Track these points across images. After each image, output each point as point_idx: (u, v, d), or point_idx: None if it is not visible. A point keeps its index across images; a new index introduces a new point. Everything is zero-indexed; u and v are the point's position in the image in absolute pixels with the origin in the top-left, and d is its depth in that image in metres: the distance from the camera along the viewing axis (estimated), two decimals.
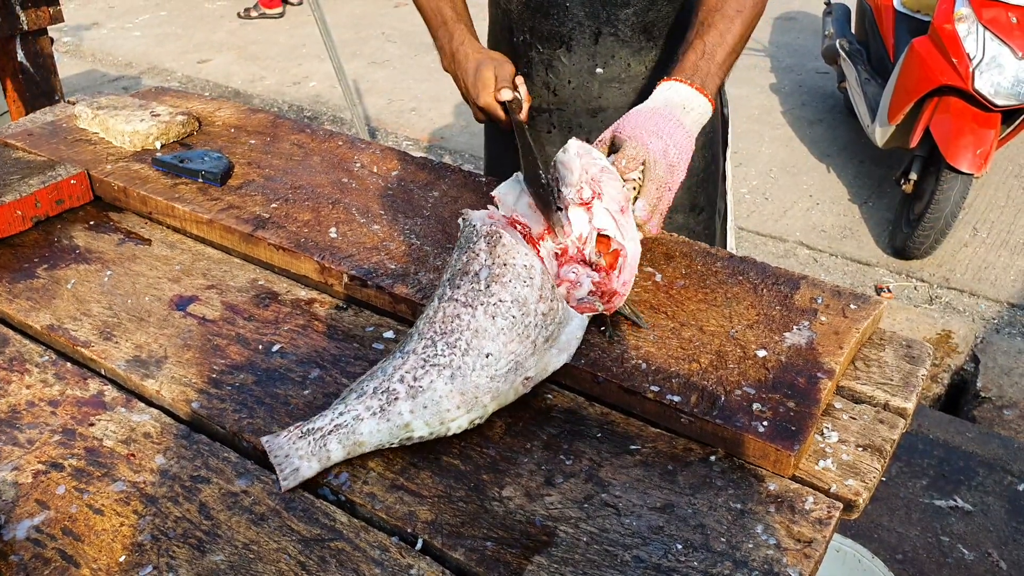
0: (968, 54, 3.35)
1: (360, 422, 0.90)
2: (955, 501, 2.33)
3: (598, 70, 1.52)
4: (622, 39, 1.49)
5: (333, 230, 1.25)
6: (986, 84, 3.33)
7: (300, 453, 0.89)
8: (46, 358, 1.08)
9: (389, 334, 1.11)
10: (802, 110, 5.19)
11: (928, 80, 3.49)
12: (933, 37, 3.51)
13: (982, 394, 2.89)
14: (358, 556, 0.82)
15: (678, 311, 1.09)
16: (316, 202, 1.33)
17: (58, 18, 2.57)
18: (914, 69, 3.57)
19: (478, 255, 0.97)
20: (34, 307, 1.16)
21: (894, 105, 3.70)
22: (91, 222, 1.36)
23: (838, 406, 1.00)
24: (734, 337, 1.05)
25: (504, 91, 1.34)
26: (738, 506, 0.87)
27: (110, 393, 1.02)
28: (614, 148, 1.18)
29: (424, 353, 0.93)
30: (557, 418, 0.98)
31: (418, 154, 1.51)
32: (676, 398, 0.95)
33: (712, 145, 1.64)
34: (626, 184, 1.12)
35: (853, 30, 4.74)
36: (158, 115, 1.52)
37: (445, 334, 0.94)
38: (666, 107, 1.19)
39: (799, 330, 1.06)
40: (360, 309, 1.16)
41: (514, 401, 0.97)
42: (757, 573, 0.80)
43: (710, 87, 1.23)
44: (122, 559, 0.82)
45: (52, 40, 2.66)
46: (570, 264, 1.07)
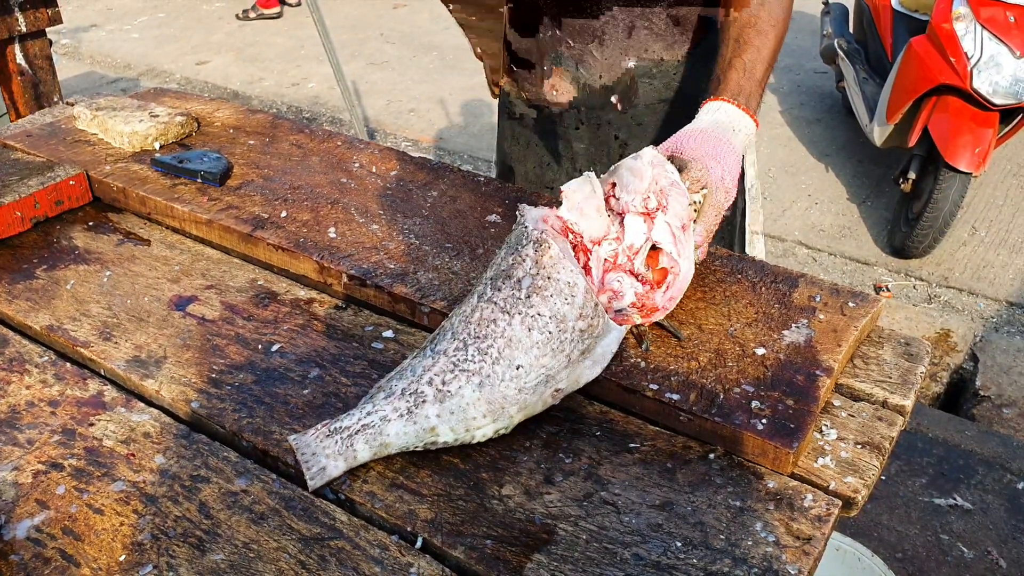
0: (966, 53, 3.36)
1: (387, 423, 0.89)
2: (955, 499, 2.33)
3: (631, 64, 1.50)
4: (656, 32, 1.47)
5: (332, 230, 1.26)
6: (984, 83, 3.34)
7: (327, 452, 0.89)
8: (46, 358, 1.08)
9: (388, 333, 1.11)
10: (800, 110, 5.20)
11: (926, 79, 3.50)
12: (931, 36, 3.52)
13: (981, 393, 2.89)
14: (358, 555, 0.82)
15: (676, 309, 1.09)
16: (315, 202, 1.33)
17: (57, 20, 2.57)
18: (912, 68, 3.58)
19: (523, 261, 0.94)
20: (33, 308, 1.16)
21: (892, 104, 3.70)
22: (90, 223, 1.36)
23: (837, 404, 1.00)
24: (733, 335, 1.05)
25: None
26: (737, 503, 0.87)
27: (110, 393, 1.02)
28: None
29: (455, 356, 0.92)
30: (556, 416, 0.98)
31: (417, 154, 1.51)
32: (675, 396, 0.95)
33: None
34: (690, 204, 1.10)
35: (851, 30, 4.75)
36: (157, 116, 1.52)
37: (478, 339, 0.92)
38: (718, 129, 1.16)
39: (797, 328, 1.06)
40: (359, 308, 1.16)
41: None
42: (756, 570, 0.80)
43: (753, 106, 1.21)
44: (122, 558, 0.82)
45: (51, 42, 2.67)
46: (616, 271, 1.04)
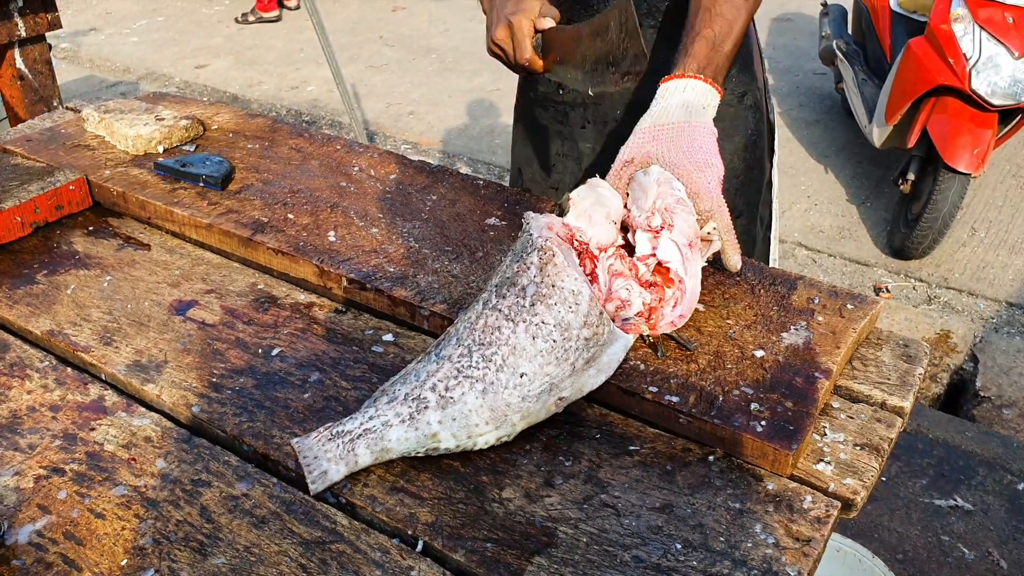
0: (964, 54, 3.36)
1: (389, 428, 0.89)
2: (955, 500, 2.33)
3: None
4: (663, 33, 1.42)
5: (332, 234, 1.26)
6: (983, 84, 3.34)
7: (329, 456, 0.89)
8: (46, 363, 1.08)
9: (388, 337, 1.11)
10: (800, 111, 5.20)
11: (925, 80, 3.50)
12: (930, 37, 3.52)
13: (981, 393, 2.89)
14: (359, 558, 0.82)
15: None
16: (315, 206, 1.33)
17: (56, 24, 2.57)
18: (911, 69, 3.58)
19: (528, 268, 0.95)
20: (34, 313, 1.16)
21: (891, 105, 3.71)
22: (90, 227, 1.37)
23: (836, 405, 1.00)
24: (732, 338, 1.05)
25: (547, 20, 1.21)
26: (737, 506, 0.87)
27: (110, 398, 1.03)
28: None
29: (459, 362, 0.92)
30: (556, 419, 0.98)
31: (416, 158, 1.52)
32: (674, 398, 0.96)
33: (755, 148, 1.58)
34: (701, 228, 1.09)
35: (850, 31, 4.75)
36: (162, 119, 1.52)
37: (483, 345, 0.92)
38: (690, 116, 1.13)
39: (796, 330, 1.06)
40: (359, 312, 1.17)
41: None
42: (756, 572, 0.80)
43: (720, 79, 1.19)
44: (124, 563, 0.82)
45: (50, 46, 2.67)
46: (626, 279, 1.03)
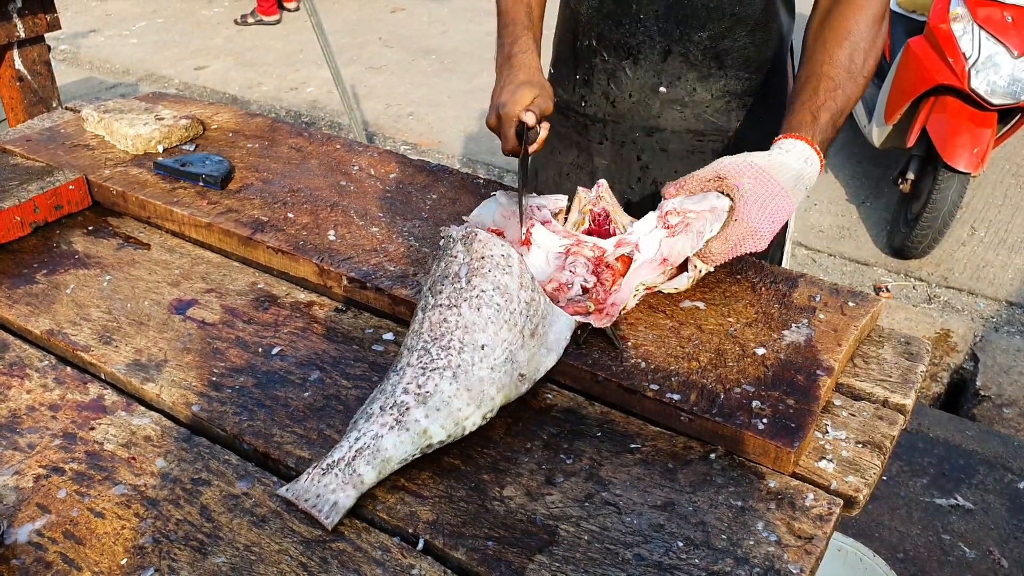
0: (964, 53, 3.36)
1: (381, 439, 0.89)
2: (956, 499, 2.33)
3: (662, 89, 1.46)
4: (691, 61, 1.43)
5: (332, 232, 1.26)
6: (982, 83, 3.34)
7: (331, 487, 0.87)
8: (46, 363, 1.08)
9: (388, 336, 1.11)
10: None
11: (924, 80, 3.50)
12: (929, 37, 3.52)
13: (982, 392, 2.89)
14: (360, 557, 0.82)
15: (676, 310, 1.09)
16: (314, 205, 1.33)
17: (55, 25, 2.57)
18: (910, 69, 3.58)
19: (456, 256, 0.99)
20: (34, 312, 1.16)
21: (891, 105, 3.71)
22: (90, 227, 1.36)
23: (837, 403, 1.00)
24: (733, 335, 1.05)
25: (529, 114, 1.25)
26: (739, 503, 0.87)
27: (110, 397, 1.02)
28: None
29: (420, 362, 0.93)
30: (557, 417, 0.98)
31: (416, 157, 1.51)
32: (676, 396, 0.95)
33: None
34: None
35: None
36: (162, 119, 1.52)
37: (436, 339, 0.94)
38: (795, 189, 1.14)
39: (798, 328, 1.06)
40: (359, 311, 1.16)
41: (515, 401, 0.97)
42: (758, 570, 0.80)
43: (825, 149, 1.20)
44: (124, 562, 0.82)
45: (49, 48, 2.67)
46: (576, 257, 1.10)
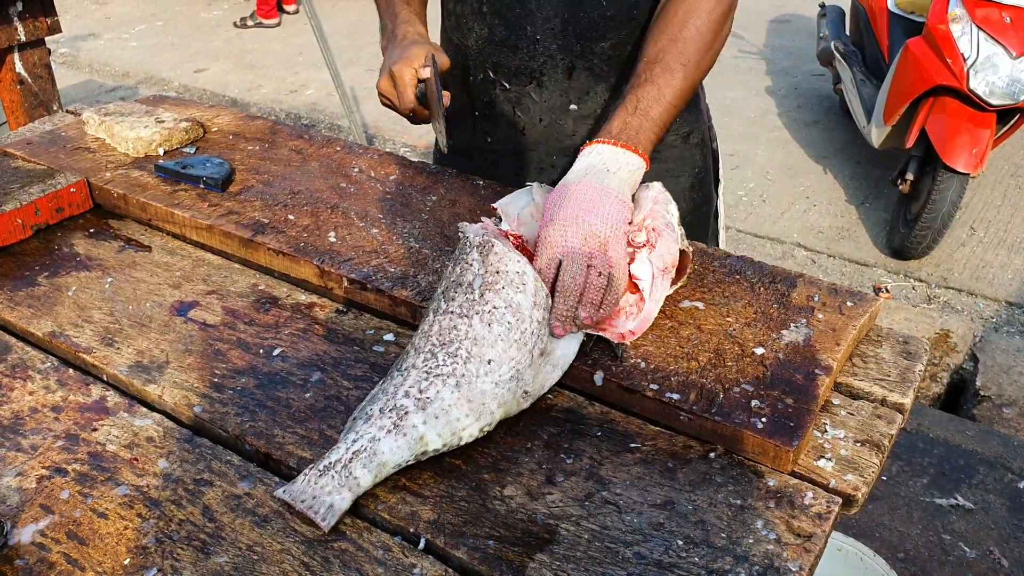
0: (962, 54, 3.37)
1: (378, 442, 0.89)
2: (956, 499, 2.33)
3: (572, 107, 1.41)
4: (598, 73, 1.39)
5: (332, 234, 1.26)
6: (981, 84, 3.35)
7: (328, 490, 0.86)
8: (48, 365, 1.09)
9: (389, 336, 1.12)
10: (798, 112, 5.21)
11: (923, 81, 3.51)
12: (927, 38, 3.53)
13: (981, 393, 2.90)
14: (361, 556, 0.83)
15: (676, 310, 1.10)
16: (315, 207, 1.33)
17: (56, 29, 2.58)
18: (909, 70, 3.59)
19: (471, 265, 0.98)
20: (36, 314, 1.17)
21: (889, 106, 3.71)
22: (91, 230, 1.37)
23: (836, 402, 1.00)
24: (732, 335, 1.05)
25: (426, 69, 1.20)
26: (738, 502, 0.87)
27: (112, 398, 1.03)
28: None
29: (425, 366, 0.93)
30: (557, 417, 0.98)
31: (416, 159, 1.52)
32: (675, 396, 0.96)
33: (703, 186, 1.55)
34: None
35: (848, 32, 4.76)
36: (163, 121, 1.53)
37: (444, 344, 0.94)
38: (589, 177, 1.07)
39: (796, 328, 1.07)
40: (360, 312, 1.17)
41: None
42: (758, 568, 0.80)
43: (642, 142, 1.13)
44: (127, 562, 0.82)
45: (49, 51, 2.68)
46: None
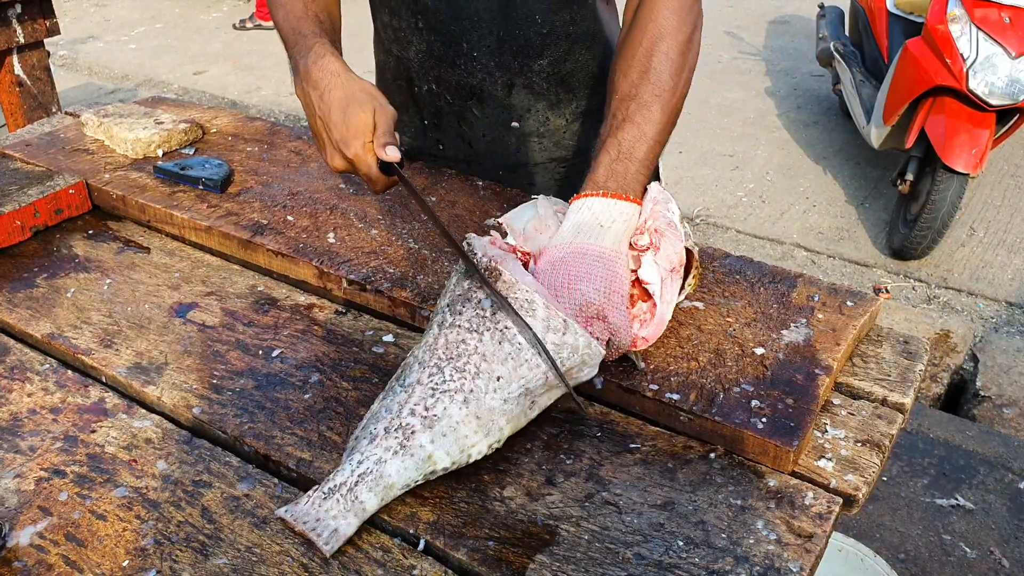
0: (962, 54, 3.37)
1: (384, 464, 0.86)
2: (956, 500, 2.33)
3: (514, 124, 1.39)
4: (537, 91, 1.36)
5: (331, 235, 1.26)
6: (980, 84, 3.35)
7: (332, 514, 0.84)
8: (47, 366, 1.08)
9: (388, 338, 1.11)
10: (797, 113, 5.21)
11: (922, 81, 3.51)
12: (927, 38, 3.53)
13: (982, 393, 2.89)
14: (360, 557, 0.82)
15: (676, 310, 1.09)
16: (314, 208, 1.33)
17: (55, 31, 2.58)
18: (908, 70, 3.59)
19: (481, 286, 0.93)
20: (34, 316, 1.16)
21: (889, 106, 3.71)
22: (90, 231, 1.37)
23: (836, 402, 1.00)
24: (732, 335, 1.05)
25: (390, 148, 1.05)
26: (738, 502, 0.87)
27: (111, 400, 1.03)
28: None
29: (431, 381, 0.89)
30: (557, 418, 0.98)
31: (414, 161, 1.51)
32: (675, 396, 0.96)
33: None
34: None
35: (847, 32, 4.76)
36: (162, 123, 1.53)
37: (452, 359, 0.90)
38: (576, 238, 1.02)
39: (796, 328, 1.07)
40: (359, 313, 1.17)
41: None
42: (758, 568, 0.80)
43: (631, 188, 1.06)
44: (125, 564, 0.82)
45: (49, 53, 2.67)
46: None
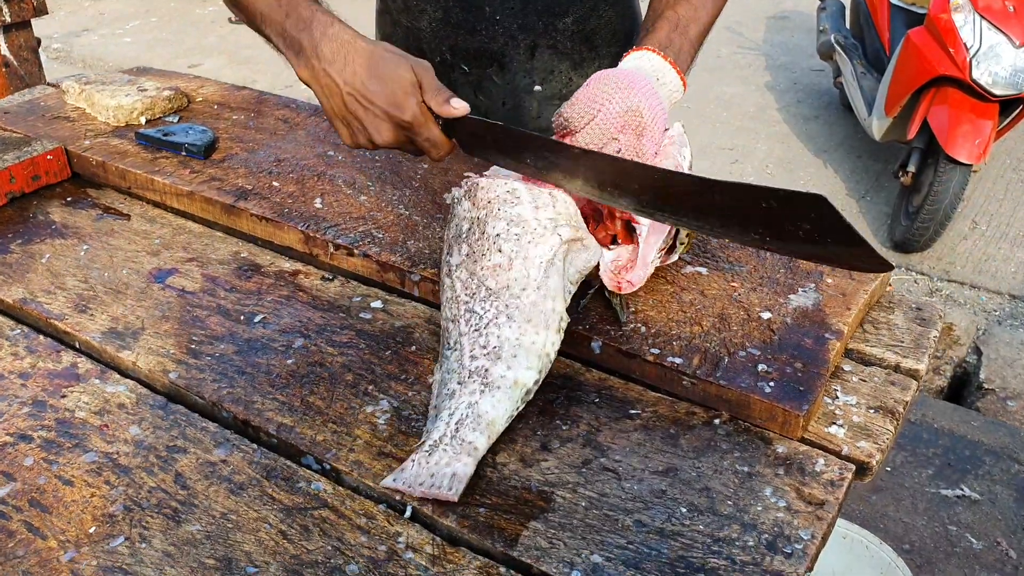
0: (965, 44, 3.32)
1: (476, 406, 0.83)
2: (962, 490, 2.28)
3: (536, 88, 1.37)
4: (561, 51, 1.34)
5: (318, 200, 1.21)
6: (984, 74, 3.30)
7: (444, 462, 0.80)
8: (17, 332, 1.03)
9: (377, 304, 1.06)
10: (798, 107, 5.16)
11: (925, 71, 3.46)
12: (929, 27, 3.48)
13: (985, 386, 2.85)
14: (343, 524, 0.77)
15: (678, 275, 1.05)
16: (301, 174, 1.28)
17: (42, 10, 2.52)
18: (911, 60, 3.54)
19: (465, 213, 0.94)
20: (6, 282, 1.11)
21: (891, 97, 3.67)
22: (68, 198, 1.31)
23: (847, 368, 0.95)
24: (737, 300, 1.00)
25: (454, 100, 0.97)
26: (745, 469, 0.82)
27: (84, 365, 0.97)
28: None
29: (470, 327, 0.88)
30: (553, 383, 0.93)
31: None
32: (678, 360, 0.91)
33: None
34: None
35: (847, 25, 4.72)
36: (145, 90, 1.47)
37: (474, 295, 0.90)
38: (638, 72, 1.00)
39: (805, 292, 1.02)
40: (346, 280, 1.11)
41: None
42: (767, 536, 0.75)
43: (683, 63, 1.06)
44: (92, 530, 0.77)
45: (39, 40, 2.62)
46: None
